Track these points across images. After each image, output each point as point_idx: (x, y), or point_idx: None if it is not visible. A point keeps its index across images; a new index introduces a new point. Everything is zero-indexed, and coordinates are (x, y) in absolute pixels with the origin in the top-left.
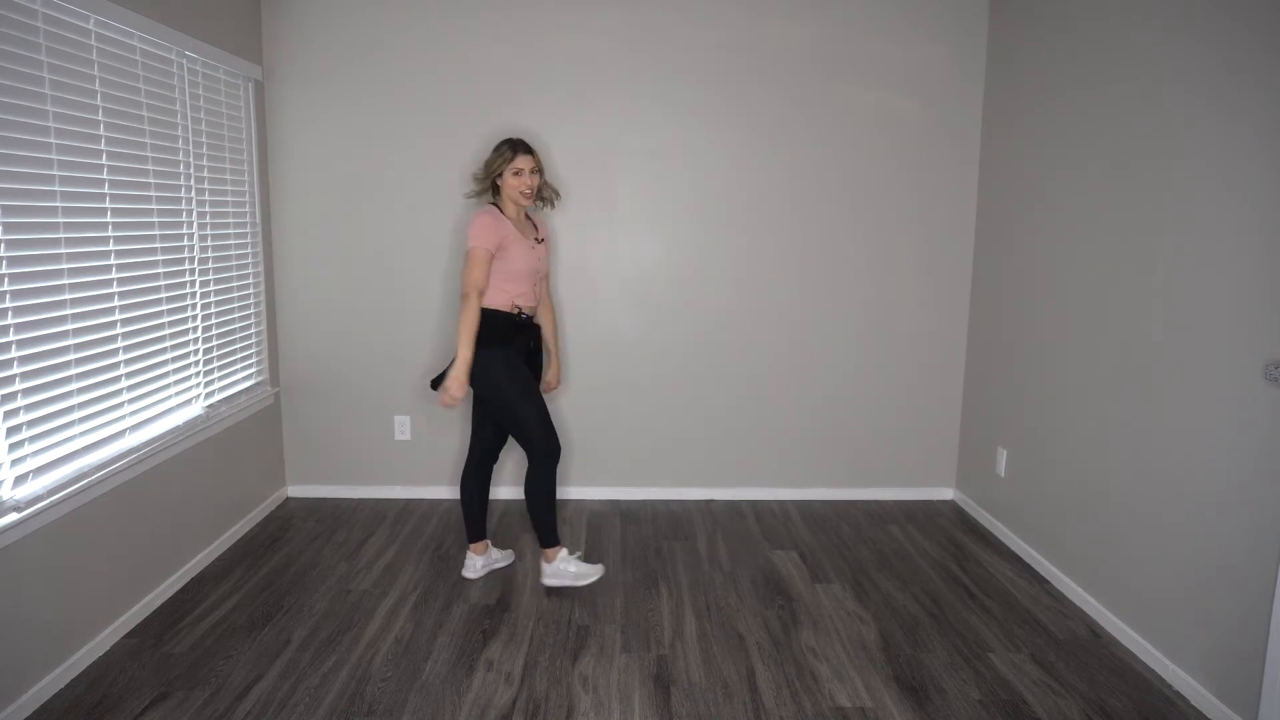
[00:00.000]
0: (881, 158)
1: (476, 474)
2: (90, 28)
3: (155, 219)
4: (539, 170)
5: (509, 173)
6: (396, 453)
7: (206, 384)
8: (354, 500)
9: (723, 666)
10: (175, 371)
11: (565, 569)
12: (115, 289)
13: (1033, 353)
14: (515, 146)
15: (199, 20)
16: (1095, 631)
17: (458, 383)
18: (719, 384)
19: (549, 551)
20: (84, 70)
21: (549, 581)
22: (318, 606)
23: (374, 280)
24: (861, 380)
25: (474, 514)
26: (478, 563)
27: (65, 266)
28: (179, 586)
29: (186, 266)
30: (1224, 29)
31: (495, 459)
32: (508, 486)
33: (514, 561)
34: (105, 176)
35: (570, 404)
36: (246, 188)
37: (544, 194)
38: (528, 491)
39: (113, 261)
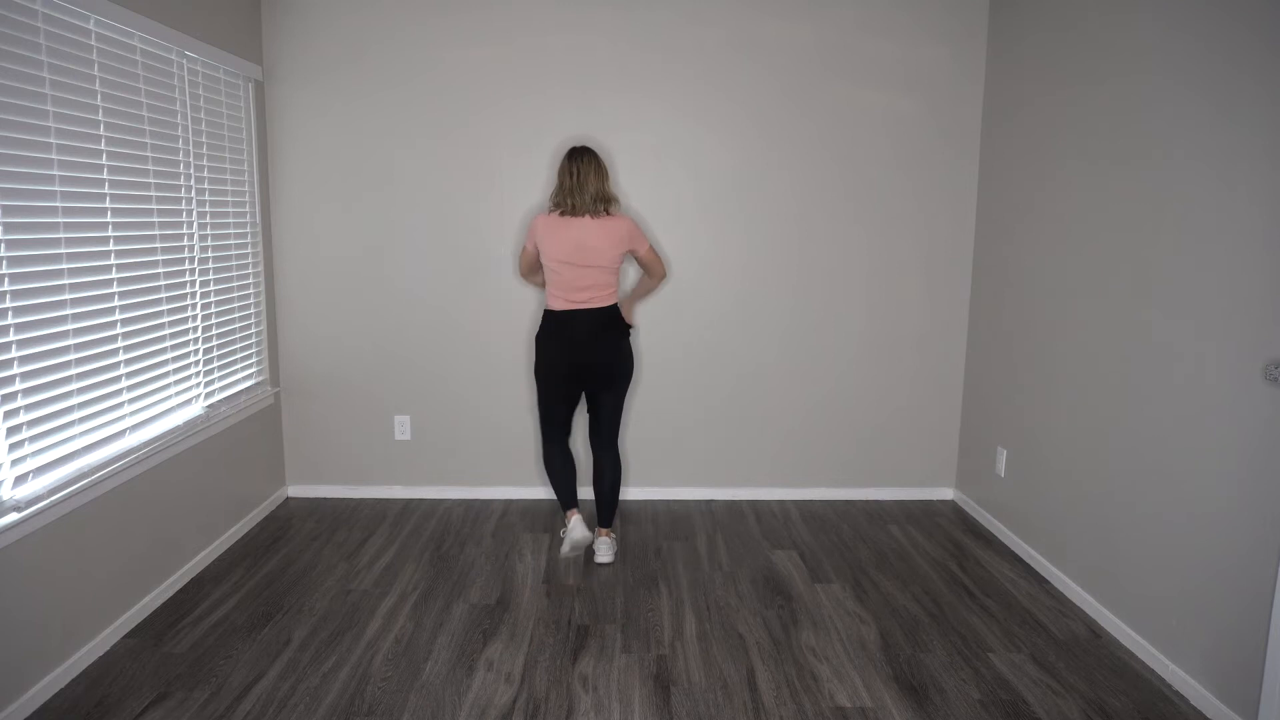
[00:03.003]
0: (882, 157)
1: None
2: (90, 28)
3: (155, 219)
4: None
5: None
6: (396, 453)
7: (206, 384)
8: (354, 500)
9: (723, 666)
10: (175, 371)
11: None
12: (115, 289)
13: (1032, 353)
14: None
15: (199, 20)
16: (1095, 631)
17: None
18: (719, 383)
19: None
20: (84, 70)
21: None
22: (318, 606)
23: (374, 280)
24: (861, 380)
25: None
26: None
27: (65, 266)
28: (179, 586)
29: (186, 266)
30: (1224, 28)
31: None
32: (514, 486)
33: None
34: (105, 176)
35: None
36: (246, 188)
37: None
38: (614, 486)
39: (113, 261)
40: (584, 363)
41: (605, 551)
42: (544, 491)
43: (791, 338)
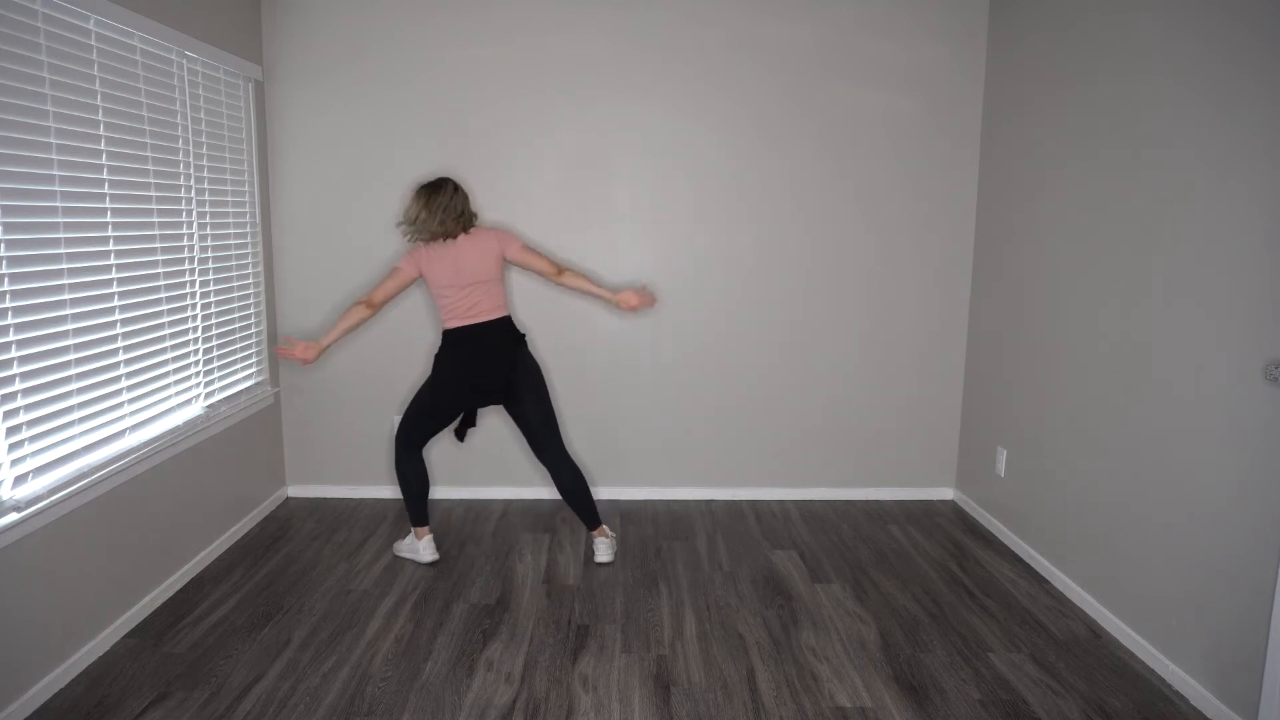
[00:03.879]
0: (882, 158)
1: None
2: (90, 28)
3: (155, 219)
4: None
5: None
6: None
7: (206, 384)
8: (354, 500)
9: (723, 666)
10: (175, 371)
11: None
12: (115, 289)
13: (1033, 353)
14: None
15: (199, 20)
16: (1095, 631)
17: None
18: (719, 384)
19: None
20: (84, 70)
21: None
22: (318, 606)
23: (374, 280)
24: (862, 380)
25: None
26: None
27: (65, 266)
28: (179, 586)
29: (186, 266)
30: (1224, 28)
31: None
32: (514, 486)
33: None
34: (105, 176)
35: (570, 404)
36: (246, 188)
37: None
38: (580, 486)
39: (113, 261)
40: (486, 379)
41: (605, 551)
42: (544, 491)
43: (791, 338)
